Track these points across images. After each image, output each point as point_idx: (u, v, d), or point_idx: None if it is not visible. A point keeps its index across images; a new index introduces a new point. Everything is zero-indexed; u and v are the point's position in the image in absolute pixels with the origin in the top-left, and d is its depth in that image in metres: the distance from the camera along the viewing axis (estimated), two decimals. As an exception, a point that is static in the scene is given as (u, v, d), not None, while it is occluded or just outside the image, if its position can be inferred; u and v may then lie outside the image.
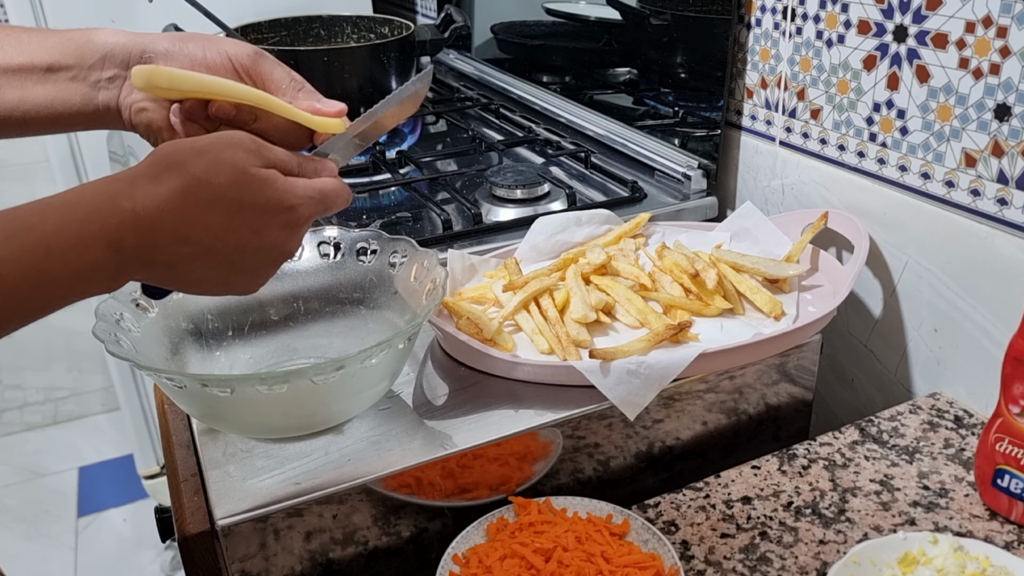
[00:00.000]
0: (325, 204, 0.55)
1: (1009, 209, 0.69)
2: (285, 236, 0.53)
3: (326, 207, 0.55)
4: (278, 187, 0.52)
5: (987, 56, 0.68)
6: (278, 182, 0.52)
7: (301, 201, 0.53)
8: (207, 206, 0.49)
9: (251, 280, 0.54)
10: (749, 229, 0.86)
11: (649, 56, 1.10)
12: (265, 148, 0.53)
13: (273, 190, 0.51)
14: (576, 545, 0.57)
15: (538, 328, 0.72)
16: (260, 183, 0.51)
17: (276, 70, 0.62)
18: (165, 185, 0.47)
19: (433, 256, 0.69)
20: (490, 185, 0.97)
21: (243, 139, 0.52)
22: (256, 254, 0.52)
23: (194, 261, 0.49)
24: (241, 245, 0.51)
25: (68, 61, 0.60)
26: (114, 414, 2.29)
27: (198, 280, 0.51)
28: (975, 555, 0.55)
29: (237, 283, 0.53)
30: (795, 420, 0.79)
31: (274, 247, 0.52)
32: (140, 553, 1.88)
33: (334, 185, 0.56)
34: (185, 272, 0.50)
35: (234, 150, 0.51)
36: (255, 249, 0.51)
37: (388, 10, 1.82)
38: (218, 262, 0.50)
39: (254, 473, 0.60)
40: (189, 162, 0.49)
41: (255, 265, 0.53)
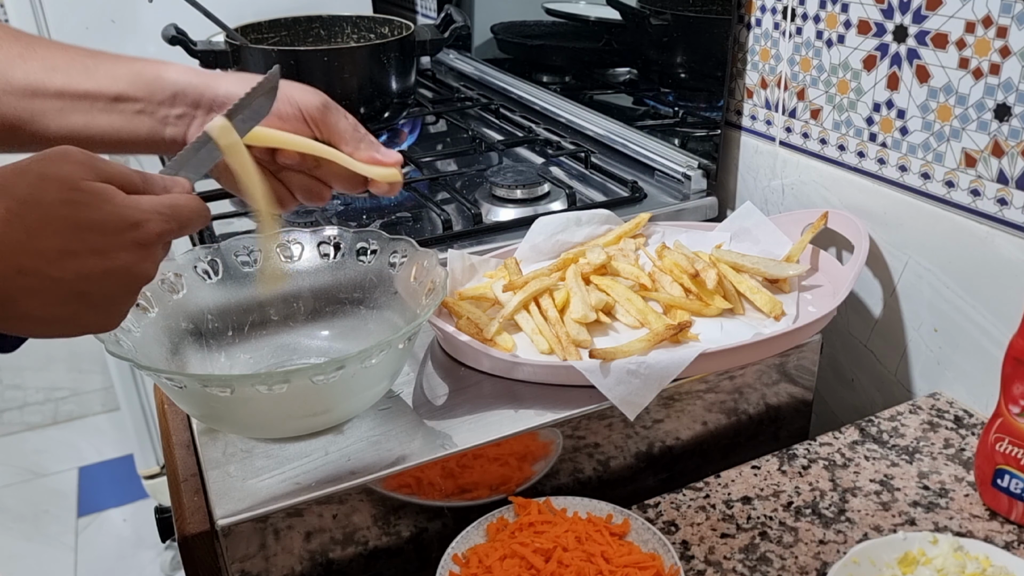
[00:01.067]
0: (179, 221, 0.50)
1: (1009, 209, 0.69)
2: (135, 257, 0.47)
3: (180, 224, 0.50)
4: (118, 202, 0.47)
5: (987, 56, 0.68)
6: (117, 196, 0.47)
7: (148, 216, 0.48)
8: (38, 230, 0.44)
9: (104, 315, 0.49)
10: (749, 229, 0.86)
11: (649, 56, 1.10)
12: (99, 161, 0.48)
13: (113, 205, 0.46)
14: (576, 545, 0.57)
15: (538, 328, 0.72)
16: (96, 198, 0.46)
17: (341, 121, 0.64)
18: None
19: (433, 256, 0.69)
20: (490, 185, 0.97)
21: (70, 152, 0.47)
22: (104, 280, 0.46)
23: (35, 296, 0.44)
24: (84, 271, 0.45)
25: (137, 94, 0.61)
26: (114, 414, 2.29)
27: (43, 318, 0.46)
28: (975, 555, 0.55)
29: (89, 318, 0.48)
30: (795, 420, 0.79)
31: (124, 271, 0.47)
32: (140, 553, 1.88)
33: (187, 200, 0.51)
34: (28, 310, 0.45)
35: (60, 164, 0.46)
36: (102, 274, 0.46)
37: (388, 10, 1.82)
38: (63, 295, 0.45)
39: (254, 473, 0.60)
40: (10, 184, 0.44)
41: (106, 294, 0.47)
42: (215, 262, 0.71)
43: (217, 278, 0.71)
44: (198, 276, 0.70)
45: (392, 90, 1.11)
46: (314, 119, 0.63)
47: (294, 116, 0.63)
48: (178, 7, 1.00)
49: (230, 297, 0.71)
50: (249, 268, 0.73)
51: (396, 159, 0.64)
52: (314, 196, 0.65)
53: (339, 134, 0.64)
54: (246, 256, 0.72)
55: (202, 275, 0.71)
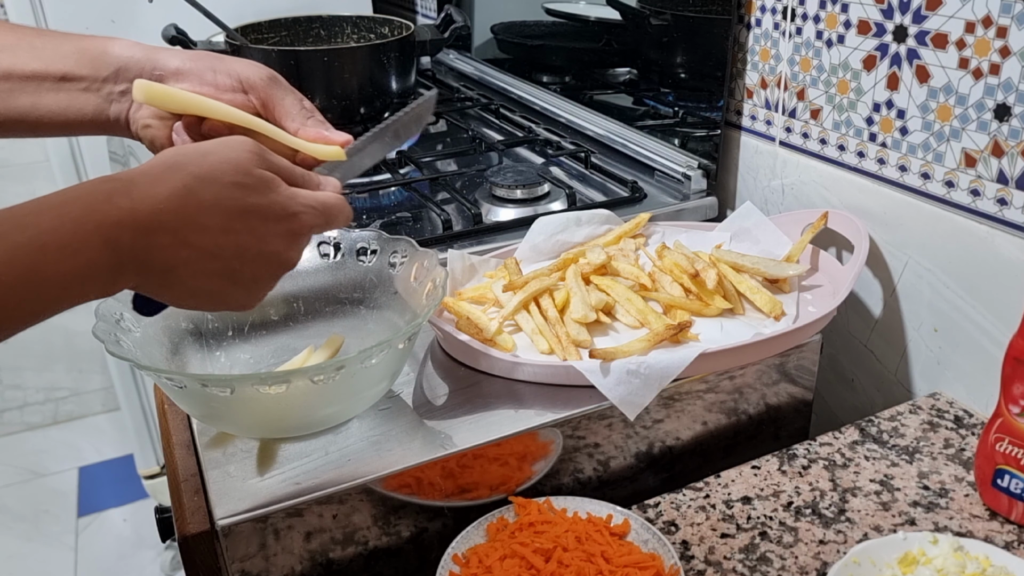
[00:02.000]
0: (327, 217, 0.54)
1: (1009, 209, 0.69)
2: (286, 244, 0.52)
3: (327, 220, 0.54)
4: (282, 192, 0.51)
5: (987, 56, 0.68)
6: (281, 187, 0.51)
7: (304, 210, 0.52)
8: (208, 206, 0.47)
9: (247, 293, 0.52)
10: (749, 229, 0.86)
11: (649, 56, 1.10)
12: (268, 154, 0.52)
13: (277, 194, 0.50)
14: (576, 545, 0.57)
15: (538, 328, 0.72)
16: (264, 185, 0.50)
17: (288, 97, 0.62)
18: (166, 185, 0.46)
19: (433, 256, 0.69)
20: (490, 185, 0.97)
21: (247, 142, 0.51)
22: (255, 261, 0.50)
23: (192, 267, 0.48)
24: (241, 250, 0.49)
25: (82, 72, 0.60)
26: (114, 414, 2.29)
27: (195, 289, 0.49)
28: (975, 555, 0.55)
29: (233, 295, 0.51)
30: (795, 420, 0.79)
31: (274, 256, 0.51)
32: (140, 553, 1.88)
33: (336, 200, 0.55)
34: (182, 279, 0.48)
35: (238, 151, 0.50)
36: (255, 255, 0.50)
37: (388, 10, 1.82)
38: (216, 269, 0.49)
39: (254, 473, 0.60)
40: (192, 163, 0.48)
41: (253, 274, 0.51)
42: (215, 262, 0.71)
43: (217, 278, 0.71)
44: (198, 276, 0.70)
45: (392, 90, 1.11)
46: (257, 92, 0.61)
47: (232, 87, 0.61)
48: (178, 7, 1.00)
49: (230, 297, 0.71)
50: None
51: (345, 138, 0.62)
52: None
53: (284, 109, 0.62)
54: (246, 256, 0.72)
55: (202, 275, 0.71)
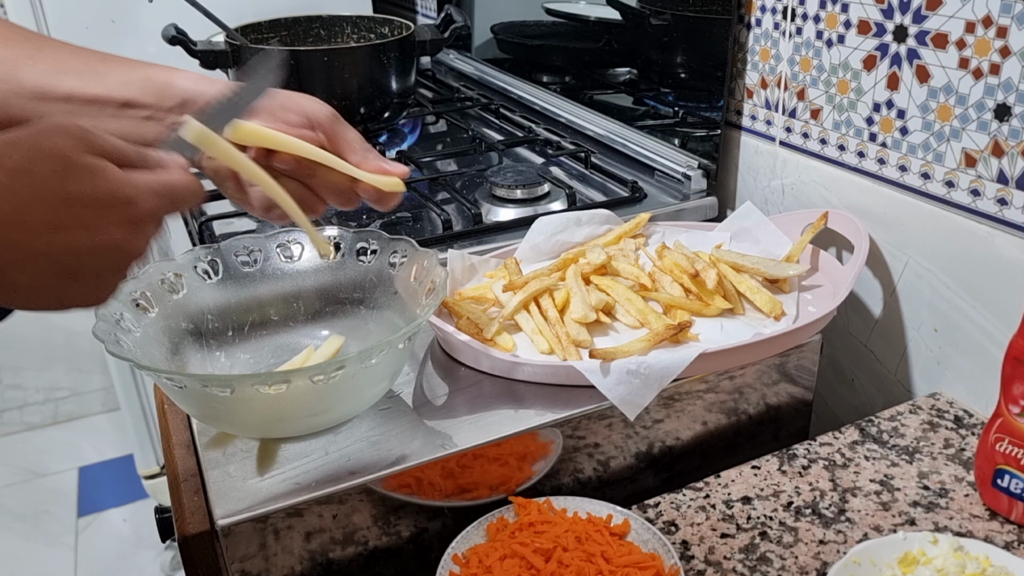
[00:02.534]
0: (171, 198, 0.50)
1: (1009, 209, 0.69)
2: (125, 234, 0.47)
3: (172, 201, 0.50)
4: (111, 177, 0.46)
5: (987, 56, 0.68)
6: (110, 172, 0.47)
7: (140, 193, 0.47)
8: (28, 202, 0.43)
9: (92, 289, 0.48)
10: (749, 229, 0.86)
11: (649, 56, 1.10)
12: (94, 135, 0.47)
13: (105, 180, 0.46)
14: (576, 545, 0.57)
15: (538, 328, 0.72)
16: (88, 172, 0.45)
17: (349, 133, 0.64)
18: None
19: (433, 256, 0.69)
20: (490, 185, 0.97)
21: (65, 124, 0.46)
22: (93, 256, 0.46)
23: (23, 268, 0.44)
24: (72, 246, 0.45)
25: (147, 100, 0.60)
26: (114, 414, 2.29)
27: (30, 290, 0.45)
28: (975, 555, 0.55)
29: (78, 292, 0.47)
30: (795, 420, 0.79)
31: (114, 247, 0.47)
32: (140, 553, 1.88)
33: (181, 177, 0.51)
34: (15, 282, 0.44)
35: (53, 137, 0.45)
36: (90, 249, 0.46)
37: (388, 10, 1.82)
38: (49, 267, 0.45)
39: (254, 473, 0.60)
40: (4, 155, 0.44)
41: (94, 269, 0.47)
42: (215, 262, 0.71)
43: (217, 278, 0.71)
44: (198, 276, 0.70)
45: (392, 90, 1.11)
46: (323, 128, 0.63)
47: (301, 124, 0.62)
48: (178, 7, 1.00)
49: (230, 297, 0.71)
50: (249, 268, 0.73)
51: (404, 171, 0.64)
52: (306, 207, 0.64)
53: (347, 144, 0.64)
54: (246, 256, 0.73)
55: (202, 275, 0.71)
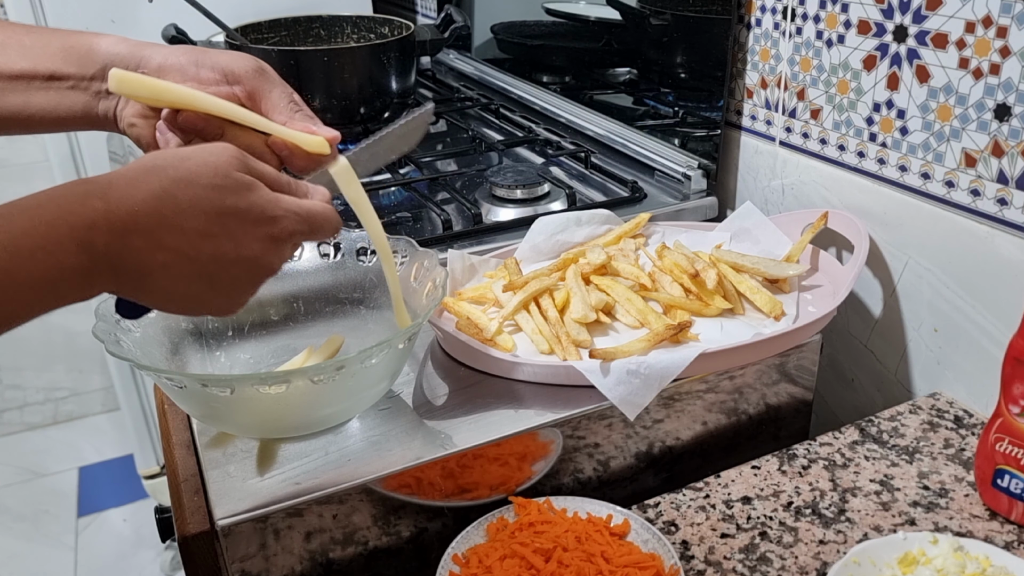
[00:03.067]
0: (311, 224, 0.53)
1: (1009, 209, 0.69)
2: (265, 249, 0.50)
3: (312, 228, 0.53)
4: (261, 195, 0.50)
5: (987, 56, 0.68)
6: (262, 191, 0.50)
7: (285, 215, 0.51)
8: (186, 209, 0.47)
9: (227, 298, 0.51)
10: (749, 229, 0.86)
11: (649, 56, 1.10)
12: (251, 160, 0.51)
13: (256, 196, 0.49)
14: (576, 545, 0.57)
15: (538, 328, 0.72)
16: (244, 188, 0.49)
17: (275, 90, 0.61)
18: (142, 187, 0.46)
19: (433, 256, 0.69)
20: (490, 185, 0.97)
21: (229, 148, 0.50)
22: (234, 265, 0.49)
23: (169, 271, 0.47)
24: (218, 254, 0.48)
25: (69, 70, 0.60)
26: (114, 414, 2.29)
27: (172, 294, 0.48)
28: (975, 555, 0.55)
29: (212, 301, 0.50)
30: (795, 420, 0.79)
31: (253, 261, 0.50)
32: (140, 553, 1.88)
33: (323, 208, 0.54)
34: (158, 283, 0.47)
35: (219, 155, 0.49)
36: (233, 259, 0.49)
37: (388, 10, 1.82)
38: (194, 273, 0.48)
39: (254, 473, 0.60)
40: (170, 166, 0.47)
41: (232, 280, 0.50)
42: (215, 262, 0.71)
43: (217, 278, 0.71)
44: (198, 276, 0.70)
45: (392, 90, 1.11)
46: (242, 85, 0.60)
47: (215, 80, 0.60)
48: (178, 7, 1.00)
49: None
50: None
51: (332, 134, 0.60)
52: None
53: (271, 102, 0.60)
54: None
55: (202, 275, 0.71)
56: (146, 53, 0.60)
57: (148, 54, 0.60)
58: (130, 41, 0.61)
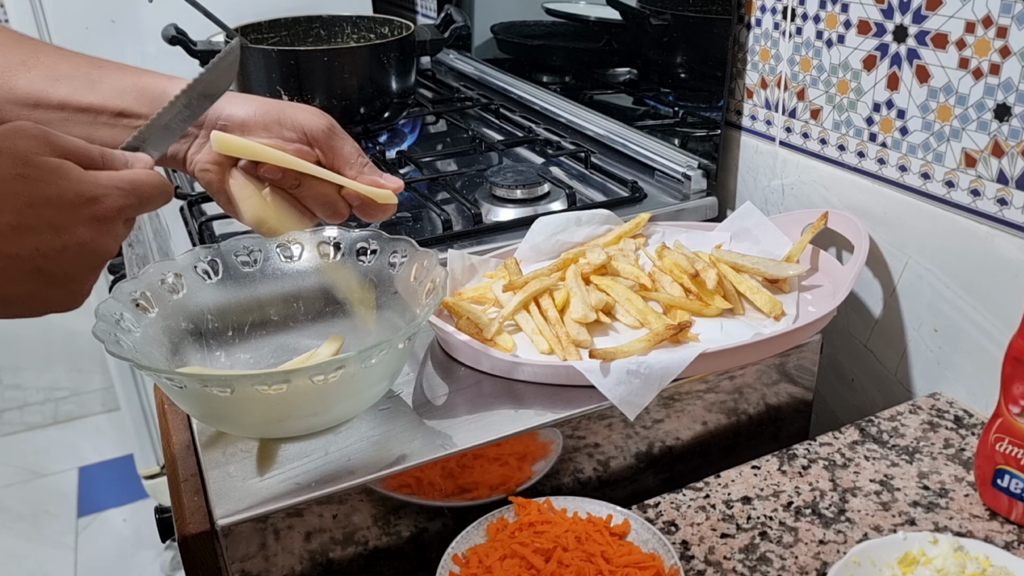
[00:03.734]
0: (138, 195, 0.50)
1: (1009, 209, 0.69)
2: (93, 233, 0.47)
3: (140, 199, 0.50)
4: (74, 177, 0.46)
5: (987, 56, 0.68)
6: (73, 171, 0.47)
7: (106, 191, 0.48)
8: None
9: (66, 290, 0.48)
10: (749, 229, 0.86)
11: (649, 56, 1.10)
12: (54, 136, 0.47)
13: (68, 180, 0.46)
14: (576, 545, 0.57)
15: (538, 328, 0.72)
16: (51, 173, 0.45)
17: (346, 146, 0.64)
18: None
19: (433, 256, 0.69)
20: (490, 185, 0.97)
21: (24, 126, 0.46)
22: (62, 256, 0.46)
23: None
24: (41, 247, 0.45)
25: (141, 111, 0.60)
26: (114, 414, 2.29)
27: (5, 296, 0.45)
28: (975, 555, 0.55)
29: (50, 296, 0.47)
30: (795, 420, 0.79)
31: (83, 247, 0.47)
32: (140, 553, 1.88)
33: (147, 176, 0.51)
34: None
35: (13, 139, 0.45)
36: (59, 250, 0.46)
37: (388, 10, 1.82)
38: (21, 271, 0.45)
39: (254, 473, 0.60)
40: None
41: (66, 271, 0.47)
42: (215, 262, 0.71)
43: (217, 278, 0.71)
44: (198, 276, 0.70)
45: (392, 90, 1.11)
46: (319, 144, 0.63)
47: (297, 139, 0.63)
48: (178, 7, 1.00)
49: (230, 297, 0.71)
50: (249, 268, 0.73)
51: (398, 184, 0.65)
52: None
53: (343, 157, 0.64)
54: (246, 256, 0.72)
55: (202, 275, 0.71)
56: (225, 107, 0.61)
57: (229, 108, 0.61)
58: None
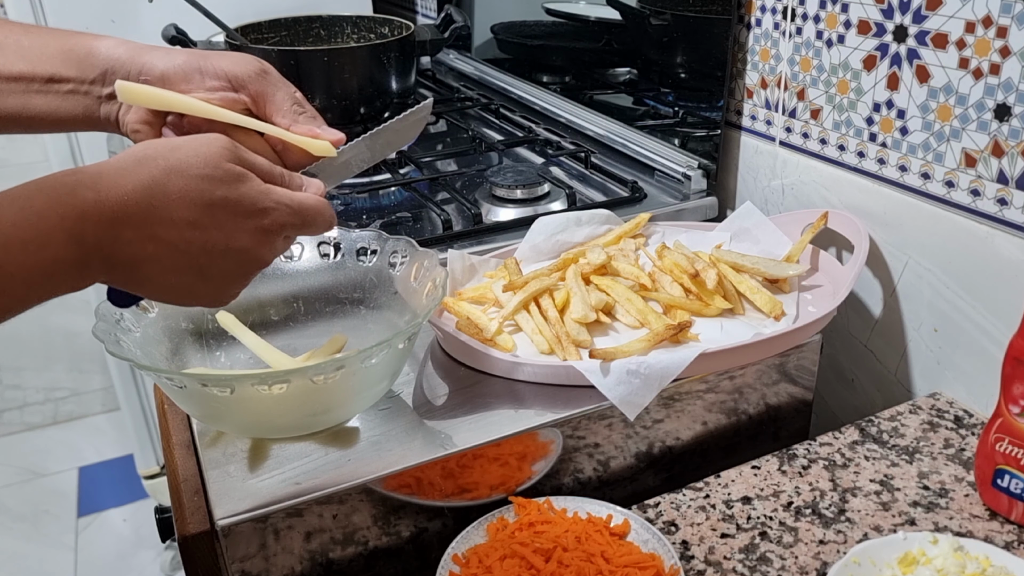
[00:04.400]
0: (303, 217, 0.52)
1: (1009, 209, 0.69)
2: (256, 241, 0.50)
3: (304, 221, 0.52)
4: (252, 187, 0.49)
5: (987, 56, 0.68)
6: (254, 182, 0.50)
7: (276, 207, 0.50)
8: (175, 199, 0.46)
9: (217, 289, 0.51)
10: (749, 229, 0.86)
11: (649, 56, 1.10)
12: (243, 151, 0.51)
13: (248, 188, 0.49)
14: (576, 545, 0.57)
15: (538, 328, 0.72)
16: (234, 179, 0.49)
17: (279, 92, 0.60)
18: (132, 177, 0.45)
19: (433, 256, 0.69)
20: (490, 185, 0.97)
21: (221, 138, 0.50)
22: (224, 257, 0.49)
23: (159, 262, 0.47)
24: (208, 245, 0.48)
25: (69, 73, 0.59)
26: (114, 414, 2.29)
27: (163, 285, 0.48)
28: (975, 555, 0.55)
29: (203, 291, 0.50)
30: (795, 420, 0.79)
31: (243, 252, 0.50)
32: (140, 553, 1.88)
33: (316, 202, 0.53)
34: (149, 274, 0.47)
35: (210, 145, 0.49)
36: (223, 251, 0.49)
37: (388, 10, 1.82)
38: (184, 264, 0.48)
39: (254, 473, 0.60)
40: (161, 156, 0.47)
41: (223, 271, 0.50)
42: (215, 262, 0.71)
43: (217, 278, 0.71)
44: (198, 276, 0.70)
45: (392, 90, 1.11)
46: (246, 90, 0.60)
47: (220, 87, 0.59)
48: (178, 7, 1.00)
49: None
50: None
51: (337, 136, 0.60)
52: None
53: (275, 104, 0.60)
54: (246, 256, 0.72)
55: (202, 275, 0.71)
56: (147, 59, 0.59)
57: (149, 60, 0.59)
58: (130, 44, 0.60)
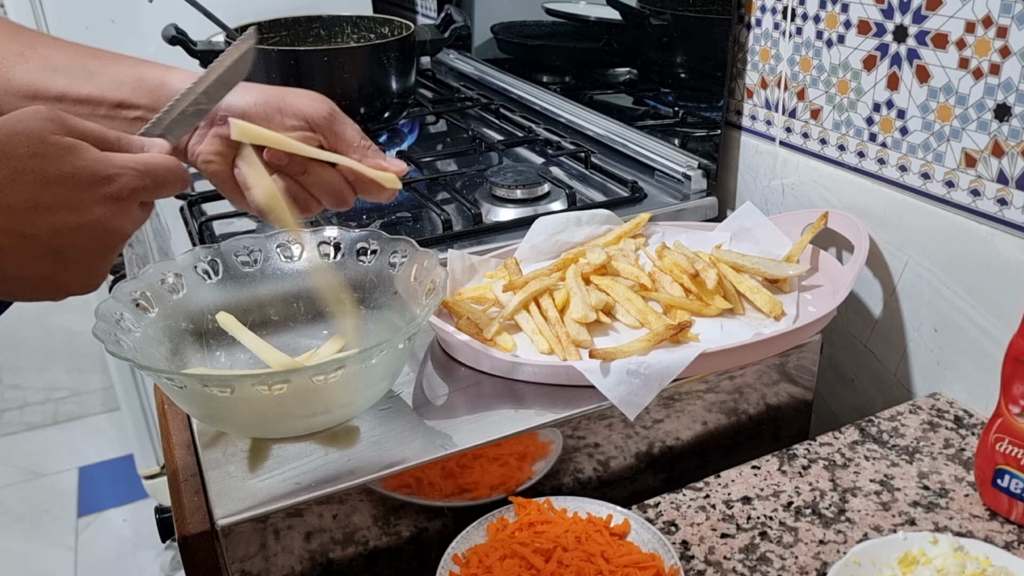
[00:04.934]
0: (153, 178, 0.50)
1: (1009, 209, 0.69)
2: (109, 212, 0.47)
3: (156, 182, 0.50)
4: (89, 156, 0.47)
5: (987, 56, 0.68)
6: (88, 151, 0.47)
7: (120, 171, 0.48)
8: (7, 185, 0.44)
9: (82, 272, 0.48)
10: (749, 229, 0.86)
11: (649, 56, 1.10)
12: (69, 119, 0.47)
13: (83, 159, 0.46)
14: (576, 545, 0.57)
15: (538, 328, 0.72)
16: (65, 151, 0.46)
17: (348, 129, 0.64)
18: None
19: (433, 256, 0.69)
20: (490, 185, 0.97)
21: (40, 109, 0.47)
22: (78, 236, 0.46)
23: (8, 254, 0.44)
24: (57, 226, 0.45)
25: (139, 101, 0.60)
26: (114, 414, 2.29)
27: (20, 278, 0.46)
28: (975, 555, 0.55)
29: (67, 277, 0.48)
30: (795, 420, 0.79)
31: (98, 225, 0.47)
32: (140, 553, 1.88)
33: (163, 159, 0.51)
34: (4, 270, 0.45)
35: (28, 120, 0.46)
36: (75, 229, 0.46)
37: (388, 10, 1.82)
38: (38, 252, 0.45)
39: (254, 473, 0.60)
40: None
41: (82, 251, 0.47)
42: (215, 262, 0.71)
43: (217, 278, 0.71)
44: (198, 276, 0.70)
45: (392, 90, 1.11)
46: (321, 129, 0.63)
47: (298, 127, 0.63)
48: (178, 7, 1.00)
49: (230, 297, 0.71)
50: (249, 268, 0.73)
51: (402, 168, 0.65)
52: (300, 205, 0.64)
53: (346, 142, 0.64)
54: (246, 256, 0.73)
55: (202, 275, 0.71)
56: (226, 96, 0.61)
57: (228, 98, 0.61)
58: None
